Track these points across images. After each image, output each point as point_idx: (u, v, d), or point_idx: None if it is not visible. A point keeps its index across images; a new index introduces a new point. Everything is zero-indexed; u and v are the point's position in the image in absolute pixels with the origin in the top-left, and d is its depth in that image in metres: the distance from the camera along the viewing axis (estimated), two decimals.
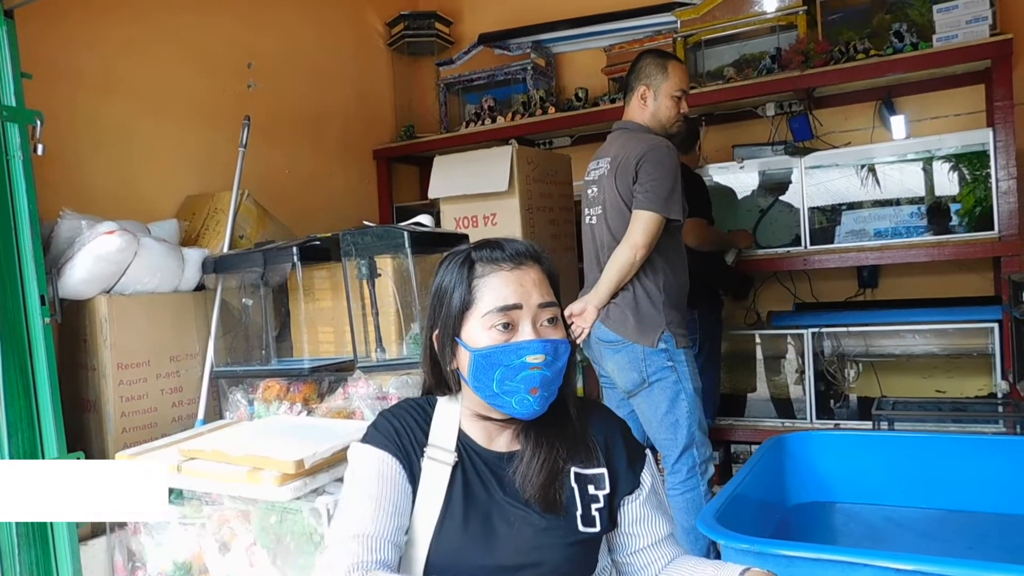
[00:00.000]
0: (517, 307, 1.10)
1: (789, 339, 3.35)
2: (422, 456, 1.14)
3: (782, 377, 3.42)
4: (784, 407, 3.35)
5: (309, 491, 1.65)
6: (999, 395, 2.90)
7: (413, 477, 1.13)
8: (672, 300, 2.36)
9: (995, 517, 2.02)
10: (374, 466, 1.12)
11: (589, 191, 2.52)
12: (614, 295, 2.32)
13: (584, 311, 2.32)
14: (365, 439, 1.16)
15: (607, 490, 1.17)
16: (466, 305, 1.12)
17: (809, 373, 3.20)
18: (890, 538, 2.00)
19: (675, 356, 2.32)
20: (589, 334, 2.37)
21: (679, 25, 3.57)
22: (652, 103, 2.43)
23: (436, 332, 1.17)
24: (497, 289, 1.11)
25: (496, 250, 1.14)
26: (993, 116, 2.92)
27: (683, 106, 2.45)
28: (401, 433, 1.15)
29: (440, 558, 1.09)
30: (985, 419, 2.82)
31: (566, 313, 2.40)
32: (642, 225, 2.25)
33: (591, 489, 1.16)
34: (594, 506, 1.15)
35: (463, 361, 1.13)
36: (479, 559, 1.09)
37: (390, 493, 1.10)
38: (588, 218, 2.53)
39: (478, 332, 1.10)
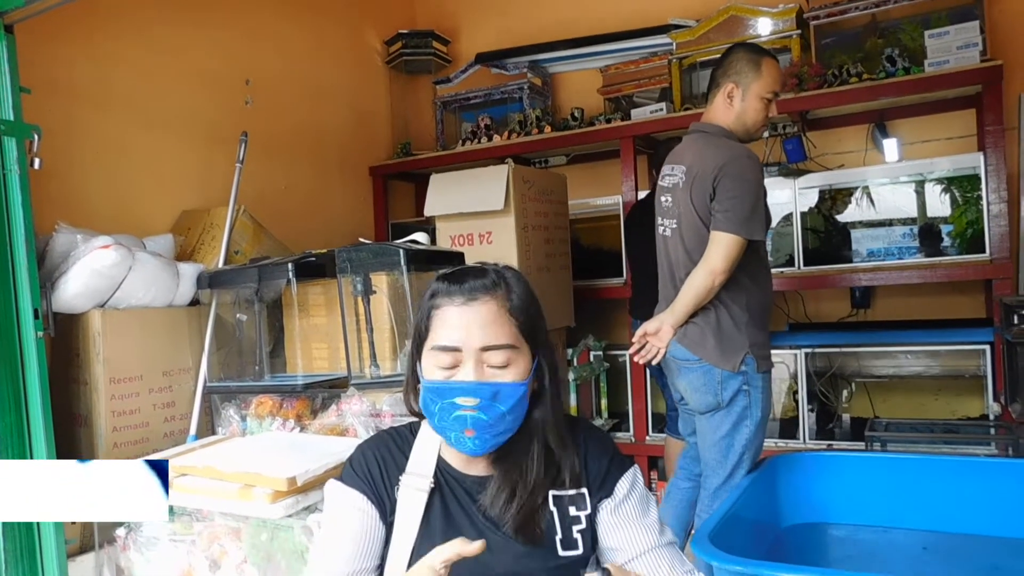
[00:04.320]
0: (456, 349, 1.06)
1: (783, 359, 3.35)
2: (397, 486, 1.13)
3: (776, 397, 3.43)
4: (778, 427, 3.35)
5: (301, 508, 1.64)
6: (991, 417, 2.91)
7: (386, 511, 1.12)
8: (756, 319, 2.17)
9: (986, 539, 2.02)
10: (346, 511, 1.13)
11: (663, 199, 2.31)
12: (693, 314, 2.15)
13: (659, 331, 2.15)
14: (341, 478, 1.16)
15: (588, 510, 1.14)
16: (422, 336, 1.11)
17: (802, 393, 3.20)
18: (883, 560, 2.00)
19: (752, 380, 2.13)
20: (665, 353, 2.20)
21: (675, 47, 3.61)
22: (739, 103, 2.20)
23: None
24: (442, 327, 1.08)
25: (454, 283, 1.10)
26: (984, 140, 2.95)
27: (772, 110, 2.22)
28: (376, 468, 1.15)
29: None
30: (977, 441, 2.83)
31: (638, 333, 2.20)
32: (722, 250, 2.06)
33: (572, 511, 1.13)
34: (575, 528, 1.12)
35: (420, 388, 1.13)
36: None
37: (361, 538, 1.11)
38: (662, 228, 2.33)
39: (428, 364, 1.09)
